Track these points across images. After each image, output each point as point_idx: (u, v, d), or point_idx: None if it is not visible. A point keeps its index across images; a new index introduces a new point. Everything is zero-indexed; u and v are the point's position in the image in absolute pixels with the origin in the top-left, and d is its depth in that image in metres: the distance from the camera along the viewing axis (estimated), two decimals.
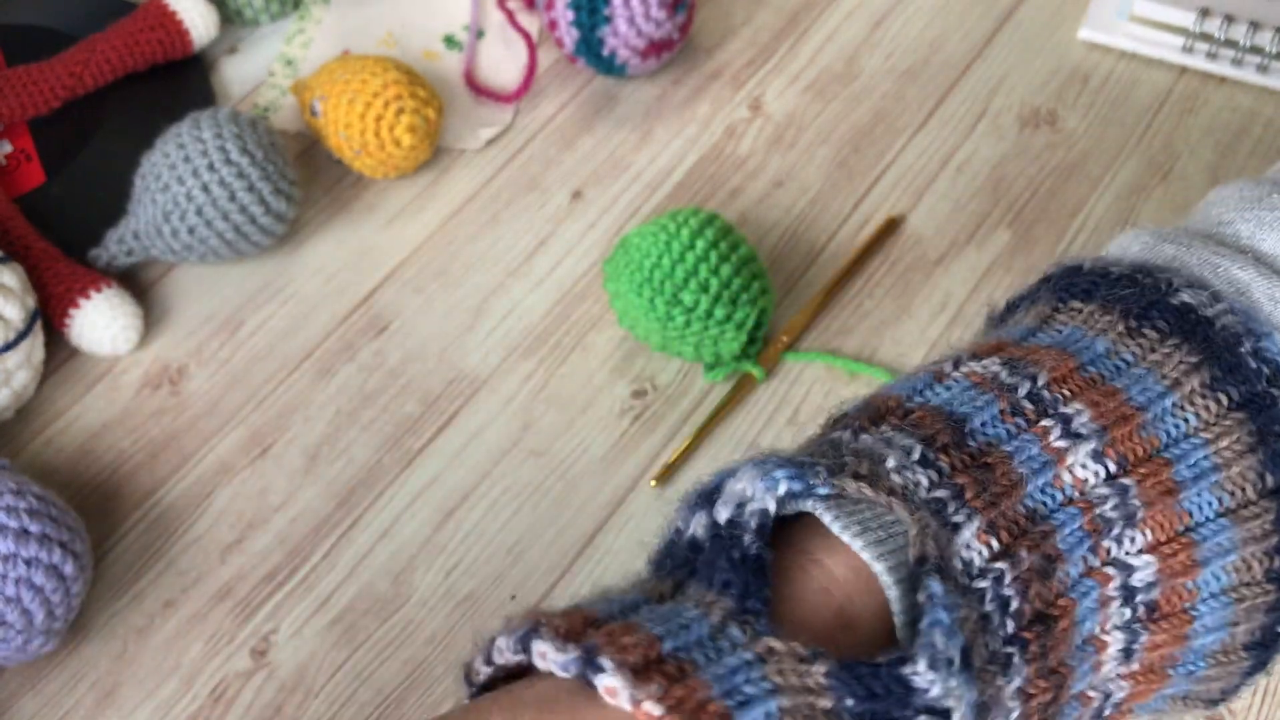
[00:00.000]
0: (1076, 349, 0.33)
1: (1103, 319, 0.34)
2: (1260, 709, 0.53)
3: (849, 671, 0.27)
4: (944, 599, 0.28)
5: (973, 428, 0.31)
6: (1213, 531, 0.31)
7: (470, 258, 0.68)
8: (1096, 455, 0.31)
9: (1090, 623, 0.31)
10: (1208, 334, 0.32)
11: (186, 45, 0.73)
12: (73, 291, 0.63)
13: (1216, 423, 0.32)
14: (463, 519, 0.59)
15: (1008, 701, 0.30)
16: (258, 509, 0.59)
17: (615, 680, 0.26)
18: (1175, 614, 0.32)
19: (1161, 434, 0.31)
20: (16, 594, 0.51)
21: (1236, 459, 0.31)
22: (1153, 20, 0.73)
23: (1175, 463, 0.31)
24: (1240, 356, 0.32)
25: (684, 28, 0.71)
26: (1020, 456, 0.31)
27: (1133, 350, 0.33)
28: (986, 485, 0.30)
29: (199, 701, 0.54)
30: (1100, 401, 0.32)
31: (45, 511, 0.52)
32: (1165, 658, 0.32)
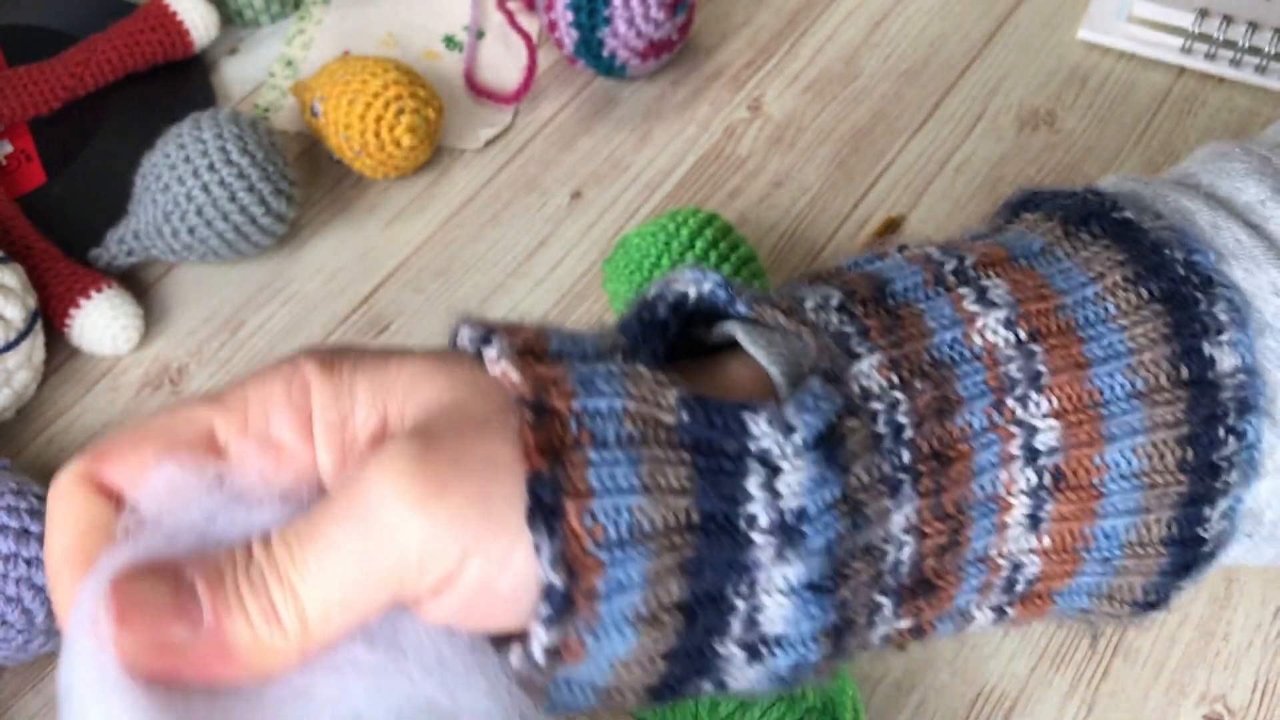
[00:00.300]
0: (1011, 244, 0.34)
1: (1044, 225, 0.35)
2: (1260, 709, 0.54)
3: (698, 400, 0.29)
4: (819, 389, 0.29)
5: (893, 289, 0.32)
6: (1122, 410, 0.31)
7: (470, 258, 0.68)
8: (1008, 323, 0.32)
9: (991, 477, 0.31)
10: (1140, 240, 0.33)
11: (187, 46, 0.73)
12: (73, 291, 0.63)
13: (1134, 312, 0.32)
14: None
15: (899, 533, 0.31)
16: None
17: (494, 349, 0.29)
18: (1083, 487, 0.32)
19: (1078, 316, 0.32)
20: (17, 594, 0.51)
21: (1151, 346, 0.32)
22: (1152, 21, 0.74)
23: (1087, 341, 0.32)
24: (1166, 259, 0.33)
25: (684, 28, 0.72)
26: (932, 313, 0.32)
27: (1065, 249, 0.34)
28: (894, 330, 0.31)
29: None
30: (1021, 281, 0.33)
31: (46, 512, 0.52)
32: (1076, 536, 0.32)
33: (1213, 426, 0.32)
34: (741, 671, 0.31)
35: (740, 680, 0.31)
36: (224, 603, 0.26)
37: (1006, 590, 0.33)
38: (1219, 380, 0.32)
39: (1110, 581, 0.34)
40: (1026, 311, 0.32)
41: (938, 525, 0.31)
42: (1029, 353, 0.32)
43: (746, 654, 0.30)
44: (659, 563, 0.28)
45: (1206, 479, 0.32)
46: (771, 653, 0.30)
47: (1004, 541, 0.32)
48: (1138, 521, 0.32)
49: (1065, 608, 0.35)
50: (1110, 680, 0.54)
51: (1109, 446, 0.32)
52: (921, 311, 0.32)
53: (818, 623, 0.30)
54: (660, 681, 0.30)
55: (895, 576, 0.31)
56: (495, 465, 0.27)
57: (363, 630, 0.27)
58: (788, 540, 0.29)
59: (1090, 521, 0.32)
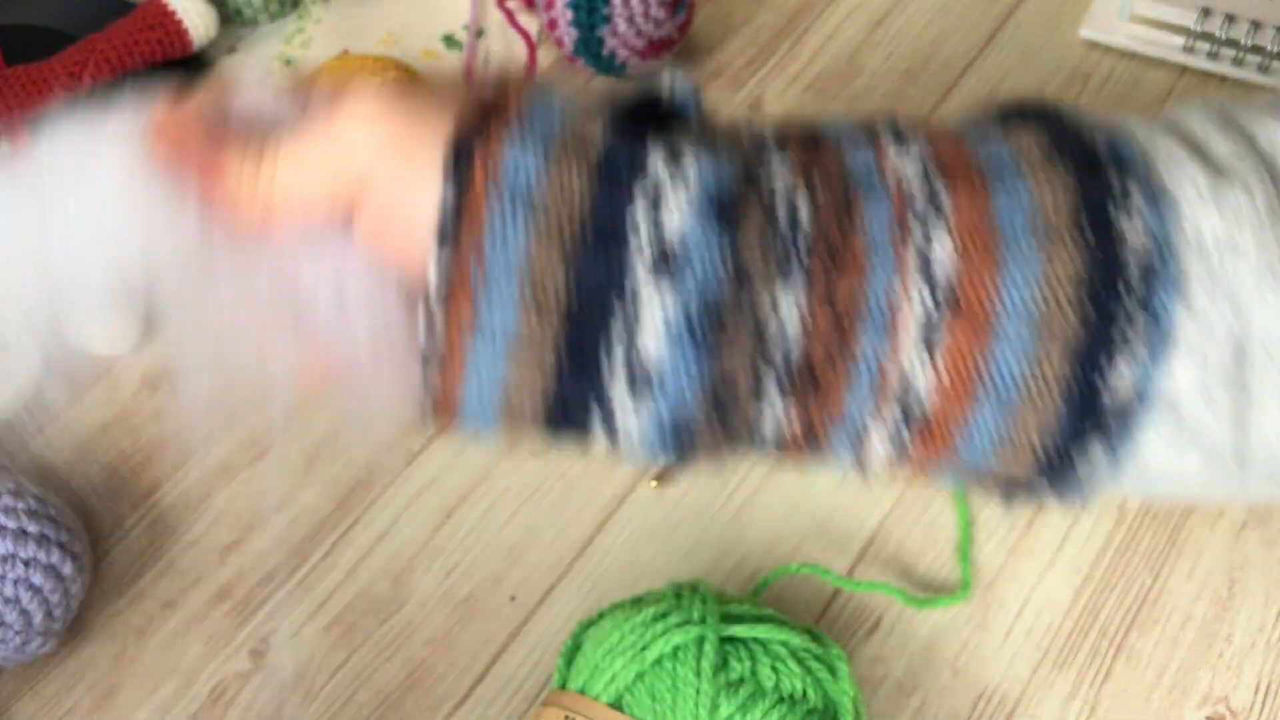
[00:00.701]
0: (953, 127, 0.36)
1: (987, 119, 0.37)
2: (1263, 710, 0.53)
3: (618, 121, 0.34)
4: (721, 150, 0.33)
5: (825, 134, 0.35)
6: (1020, 250, 0.33)
7: None
8: (918, 159, 0.34)
9: (885, 286, 0.32)
10: (1064, 123, 0.35)
11: (186, 45, 0.73)
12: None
13: (1044, 168, 0.34)
14: (462, 519, 0.59)
15: (786, 315, 0.32)
16: (257, 510, 0.59)
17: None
18: (976, 316, 0.33)
19: (989, 165, 0.34)
20: (15, 594, 0.50)
21: (1054, 195, 0.33)
22: (1154, 20, 0.73)
23: (993, 183, 0.33)
24: (1087, 138, 0.34)
25: (684, 28, 0.71)
26: (849, 145, 0.34)
27: (994, 130, 0.36)
28: (811, 149, 0.34)
29: (198, 702, 0.54)
30: (939, 138, 0.35)
31: (44, 512, 0.52)
32: (969, 367, 0.33)
33: (1112, 283, 0.32)
34: (625, 406, 0.33)
35: (628, 421, 0.33)
36: (225, 152, 0.33)
37: (903, 415, 0.34)
38: (1121, 242, 0.33)
39: (1008, 424, 0.34)
40: (938, 153, 0.34)
41: (825, 312, 0.32)
42: (934, 186, 0.33)
43: (628, 376, 0.32)
44: (544, 235, 0.31)
45: (1101, 328, 0.33)
46: (650, 384, 0.32)
47: (895, 354, 0.33)
48: (1032, 359, 0.33)
49: (969, 458, 0.35)
50: (1112, 681, 0.54)
51: (1004, 278, 0.32)
52: (840, 145, 0.34)
53: (692, 363, 0.32)
54: (552, 397, 0.33)
55: (780, 354, 0.33)
56: (435, 120, 0.33)
57: (307, 236, 0.34)
58: (664, 269, 0.31)
59: (984, 351, 0.33)
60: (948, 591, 0.57)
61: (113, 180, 0.34)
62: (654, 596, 0.50)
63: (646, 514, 0.59)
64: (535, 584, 0.57)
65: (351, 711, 0.54)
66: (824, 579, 0.57)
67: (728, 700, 0.46)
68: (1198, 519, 0.59)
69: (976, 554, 0.58)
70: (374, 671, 0.55)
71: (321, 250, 0.34)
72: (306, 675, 0.55)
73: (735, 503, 0.59)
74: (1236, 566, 0.57)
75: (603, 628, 0.49)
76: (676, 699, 0.46)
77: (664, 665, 0.47)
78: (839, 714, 0.47)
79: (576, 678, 0.48)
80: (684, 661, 0.46)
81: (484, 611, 0.57)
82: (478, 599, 0.57)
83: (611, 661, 0.47)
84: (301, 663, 0.55)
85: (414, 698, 0.54)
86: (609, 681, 0.47)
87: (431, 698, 0.55)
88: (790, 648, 0.48)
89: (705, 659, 0.46)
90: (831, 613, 0.56)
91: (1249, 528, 0.58)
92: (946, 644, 0.55)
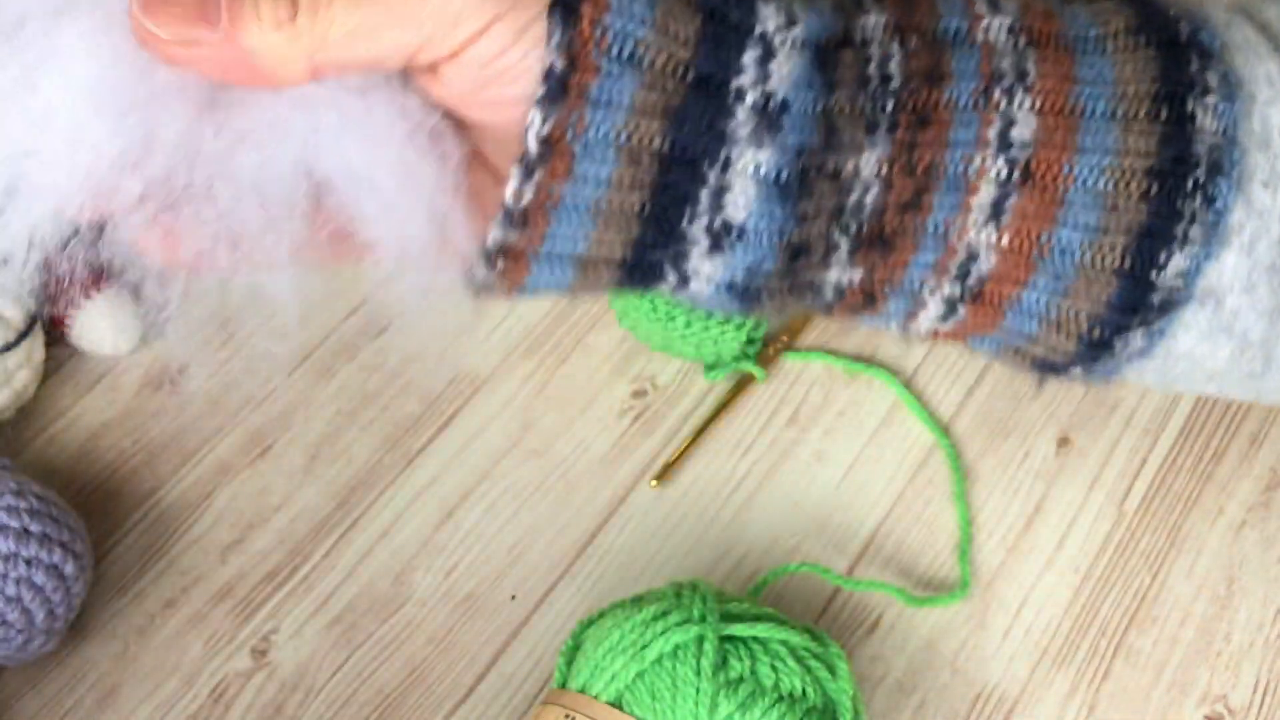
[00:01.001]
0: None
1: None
2: (1262, 709, 0.54)
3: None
4: (825, 11, 0.32)
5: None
6: (1098, 128, 0.33)
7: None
8: (1011, 29, 0.34)
9: (964, 153, 0.33)
10: (1152, 7, 0.36)
11: None
12: (73, 291, 0.63)
13: (1128, 51, 0.34)
14: (463, 519, 0.59)
15: (867, 174, 0.32)
16: (258, 509, 0.60)
17: None
18: (1048, 189, 0.33)
19: (1076, 42, 0.34)
20: (17, 594, 0.51)
21: (1135, 80, 0.34)
22: None
23: (1079, 60, 0.34)
24: (1171, 23, 0.35)
25: None
26: (945, 6, 0.34)
27: (1087, 10, 0.36)
28: (907, 6, 0.34)
29: (199, 701, 0.54)
30: (1032, 9, 0.35)
31: (46, 511, 0.52)
32: (1033, 238, 0.34)
33: (1181, 171, 0.33)
34: (702, 262, 0.33)
35: (701, 274, 0.33)
36: (239, 6, 0.28)
37: (960, 279, 0.34)
38: (1195, 134, 0.33)
39: (1059, 303, 0.34)
40: (1030, 25, 0.34)
41: (904, 180, 0.33)
42: (1023, 55, 0.33)
43: (709, 240, 0.32)
44: (647, 96, 0.30)
45: (1166, 219, 0.33)
46: (732, 245, 0.32)
47: (965, 223, 0.33)
48: (1094, 241, 0.33)
49: (1014, 332, 0.36)
50: (1111, 680, 0.54)
51: (1079, 157, 0.33)
52: (935, 6, 0.34)
53: (777, 224, 0.32)
54: (632, 251, 0.33)
55: (856, 218, 0.33)
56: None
57: (359, 83, 0.30)
58: (766, 124, 0.31)
59: (1049, 227, 0.33)
60: (947, 591, 0.57)
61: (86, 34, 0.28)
62: (654, 595, 0.50)
63: (646, 514, 0.59)
64: (535, 583, 0.57)
65: (352, 710, 0.54)
66: (824, 578, 0.57)
67: (727, 699, 0.46)
68: (1197, 518, 0.59)
69: (976, 553, 0.58)
70: (374, 670, 0.55)
71: (373, 105, 0.30)
72: (307, 674, 0.55)
73: (735, 503, 0.59)
74: (1235, 565, 0.57)
75: (603, 627, 0.49)
76: (676, 698, 0.46)
77: (664, 664, 0.47)
78: (838, 713, 0.47)
79: (577, 677, 0.48)
80: (684, 660, 0.46)
81: (484, 611, 0.57)
82: (478, 598, 0.57)
83: (611, 661, 0.47)
84: (302, 662, 0.55)
85: (414, 697, 0.55)
86: (609, 681, 0.47)
87: (432, 697, 0.55)
88: (790, 647, 0.48)
89: (705, 658, 0.46)
90: (831, 612, 0.57)
91: (1248, 526, 0.58)
92: (946, 643, 0.55)
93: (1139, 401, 0.62)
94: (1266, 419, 0.61)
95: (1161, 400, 0.62)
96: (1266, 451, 0.61)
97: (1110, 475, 0.60)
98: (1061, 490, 0.59)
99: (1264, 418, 0.62)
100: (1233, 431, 0.61)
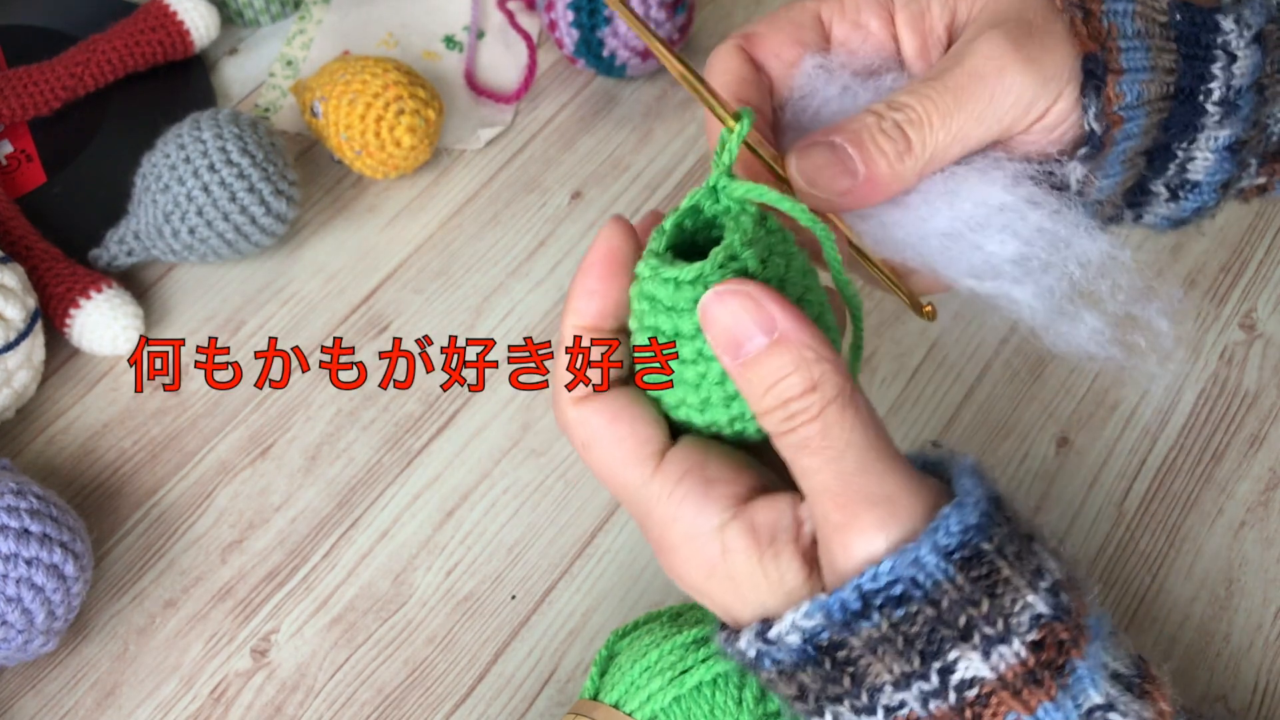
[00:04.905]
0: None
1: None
2: (1261, 709, 0.54)
3: (1183, 5, 0.41)
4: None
5: None
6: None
7: (470, 258, 0.68)
8: None
9: None
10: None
11: (187, 46, 0.73)
12: (73, 292, 0.63)
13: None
14: (463, 519, 0.59)
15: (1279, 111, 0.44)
16: (258, 509, 0.60)
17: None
18: None
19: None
20: (17, 594, 0.51)
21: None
22: None
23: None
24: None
25: (684, 28, 0.72)
26: None
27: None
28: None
29: (199, 701, 0.54)
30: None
31: (46, 511, 0.52)
32: None
33: None
34: (1158, 207, 0.45)
35: (1153, 214, 0.45)
36: (868, 153, 0.37)
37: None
38: None
39: None
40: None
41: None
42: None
43: (1168, 193, 0.44)
44: (1148, 121, 0.41)
45: None
46: (1186, 196, 0.44)
47: None
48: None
49: None
50: None
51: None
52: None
53: (1223, 175, 0.43)
54: (1111, 204, 0.44)
55: (1266, 145, 0.43)
56: (1061, 47, 0.39)
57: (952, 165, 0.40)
58: (1228, 110, 0.41)
59: None
60: None
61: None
62: (693, 614, 0.50)
63: None
64: (536, 583, 0.57)
65: (352, 710, 0.54)
66: None
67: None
68: (1196, 519, 0.59)
69: None
70: (375, 670, 0.55)
71: (978, 174, 0.39)
72: (307, 674, 0.55)
73: None
74: (1234, 566, 0.57)
75: (640, 642, 0.49)
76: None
77: (703, 691, 0.46)
78: None
79: (610, 691, 0.48)
80: (725, 690, 0.46)
81: (484, 610, 0.57)
82: (478, 598, 0.57)
83: (649, 681, 0.47)
84: (302, 662, 0.55)
85: (415, 696, 0.55)
86: (645, 700, 0.46)
87: (432, 696, 0.55)
88: None
89: (748, 689, 0.46)
90: None
91: (1247, 527, 0.58)
92: None
93: (1139, 401, 0.62)
94: (1266, 419, 0.62)
95: (1161, 400, 0.62)
96: (1265, 452, 0.61)
97: (1109, 475, 0.60)
98: (1061, 490, 0.60)
99: (1264, 418, 0.62)
100: (1232, 432, 0.61)
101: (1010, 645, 0.33)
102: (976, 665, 0.32)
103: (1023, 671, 0.33)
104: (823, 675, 0.34)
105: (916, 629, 0.33)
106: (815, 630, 0.33)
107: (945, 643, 0.33)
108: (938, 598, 0.32)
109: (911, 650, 0.33)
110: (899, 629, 0.33)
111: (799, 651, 0.34)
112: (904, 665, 0.33)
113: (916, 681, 0.33)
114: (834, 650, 0.33)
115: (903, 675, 0.33)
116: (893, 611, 0.32)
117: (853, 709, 0.34)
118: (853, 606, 0.33)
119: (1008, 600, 0.33)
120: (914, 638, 0.33)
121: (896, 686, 0.33)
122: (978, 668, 0.32)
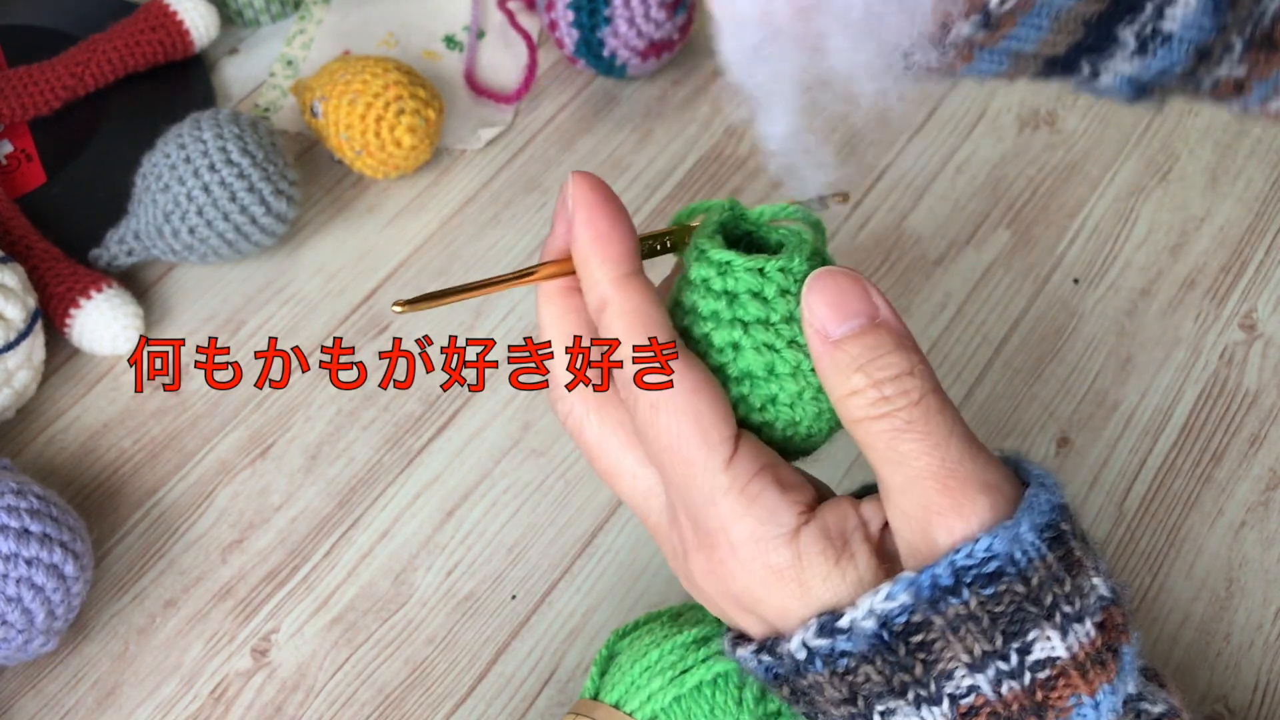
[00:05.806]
0: None
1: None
2: (1261, 709, 0.54)
3: None
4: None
5: None
6: None
7: (470, 258, 0.68)
8: None
9: None
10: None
11: (187, 46, 0.73)
12: (74, 291, 0.63)
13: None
14: (463, 519, 0.59)
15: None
16: (258, 509, 0.60)
17: None
18: None
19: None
20: (17, 594, 0.51)
21: None
22: None
23: None
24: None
25: (684, 28, 0.72)
26: None
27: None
28: None
29: (199, 701, 0.54)
30: None
31: (46, 511, 0.52)
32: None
33: None
34: (1123, 63, 0.39)
35: (1112, 71, 0.39)
36: None
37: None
38: None
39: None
40: None
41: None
42: None
43: (1137, 44, 0.39)
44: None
45: None
46: (1155, 50, 0.38)
47: None
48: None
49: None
50: None
51: None
52: None
53: (1201, 35, 0.38)
54: (1066, 50, 0.39)
55: (1257, 25, 0.39)
56: None
57: None
58: None
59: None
60: None
61: None
62: (694, 614, 0.50)
63: None
64: (536, 583, 0.57)
65: (353, 710, 0.54)
66: None
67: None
68: (1196, 519, 0.59)
69: None
70: (375, 670, 0.55)
71: None
72: (307, 674, 0.55)
73: None
74: (1235, 566, 0.57)
75: (640, 642, 0.49)
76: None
77: (703, 691, 0.46)
78: None
79: (611, 691, 0.48)
80: (725, 690, 0.46)
81: (485, 610, 0.57)
82: (478, 598, 0.57)
83: (649, 680, 0.47)
84: (302, 662, 0.55)
85: (415, 696, 0.55)
86: (645, 700, 0.46)
87: (432, 696, 0.55)
88: None
89: (749, 689, 0.46)
90: None
91: (1247, 527, 0.58)
92: None
93: (1139, 401, 0.62)
94: (1266, 419, 0.62)
95: (1161, 400, 0.62)
96: (1265, 452, 0.61)
97: (1110, 475, 0.60)
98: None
99: (1264, 418, 0.62)
100: (1232, 432, 0.61)
101: (1084, 624, 0.33)
102: (1054, 644, 0.33)
103: (1092, 651, 0.33)
104: (892, 663, 0.33)
105: (1003, 607, 0.32)
106: (895, 612, 0.33)
107: (1027, 621, 0.32)
108: (1030, 575, 0.32)
109: (995, 629, 0.32)
110: (985, 606, 0.32)
111: (872, 638, 0.33)
112: (985, 644, 0.32)
113: (995, 662, 0.32)
114: (911, 634, 0.33)
115: (982, 655, 0.33)
116: (982, 589, 0.32)
117: (915, 700, 0.33)
118: (944, 582, 0.32)
119: (1082, 581, 0.33)
120: (999, 616, 0.32)
121: (971, 669, 0.33)
122: (1055, 646, 0.32)
